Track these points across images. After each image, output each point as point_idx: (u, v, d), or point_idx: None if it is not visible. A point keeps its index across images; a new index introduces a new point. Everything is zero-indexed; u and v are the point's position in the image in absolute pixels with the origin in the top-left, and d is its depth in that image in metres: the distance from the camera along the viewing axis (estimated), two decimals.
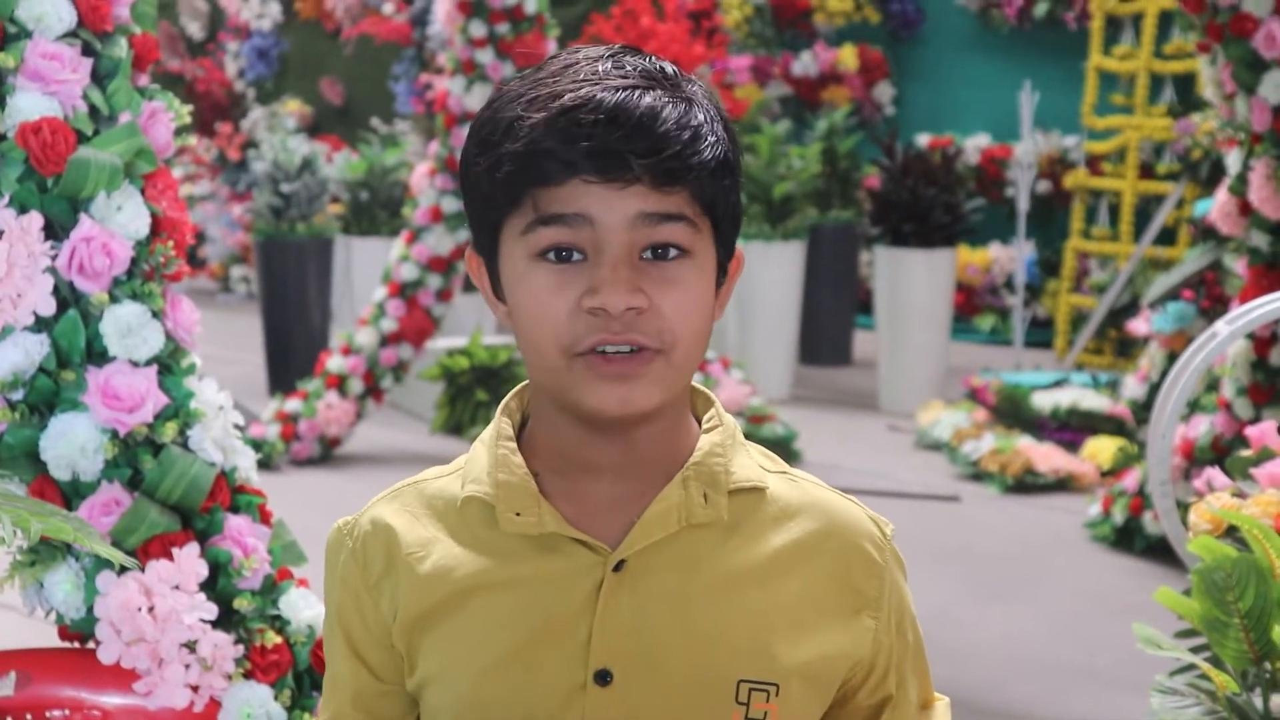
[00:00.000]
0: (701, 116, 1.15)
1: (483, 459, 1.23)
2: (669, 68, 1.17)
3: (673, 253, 1.14)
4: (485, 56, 5.68)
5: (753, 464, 1.24)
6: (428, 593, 1.20)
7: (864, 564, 1.24)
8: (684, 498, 1.19)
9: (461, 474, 1.24)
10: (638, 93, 1.12)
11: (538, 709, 1.17)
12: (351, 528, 1.27)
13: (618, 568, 1.17)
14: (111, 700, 2.07)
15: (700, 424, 1.25)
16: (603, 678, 1.16)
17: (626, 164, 1.11)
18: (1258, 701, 1.96)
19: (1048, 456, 5.68)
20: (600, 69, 1.15)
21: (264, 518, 2.25)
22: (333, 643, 1.28)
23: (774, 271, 7.14)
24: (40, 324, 2.10)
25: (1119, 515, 4.84)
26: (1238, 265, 4.49)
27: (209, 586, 2.13)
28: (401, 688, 1.26)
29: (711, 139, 1.14)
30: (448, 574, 1.20)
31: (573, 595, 1.17)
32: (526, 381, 1.26)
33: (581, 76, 1.14)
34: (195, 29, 12.07)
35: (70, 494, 2.12)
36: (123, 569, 2.04)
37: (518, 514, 1.18)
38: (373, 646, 1.25)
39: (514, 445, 1.22)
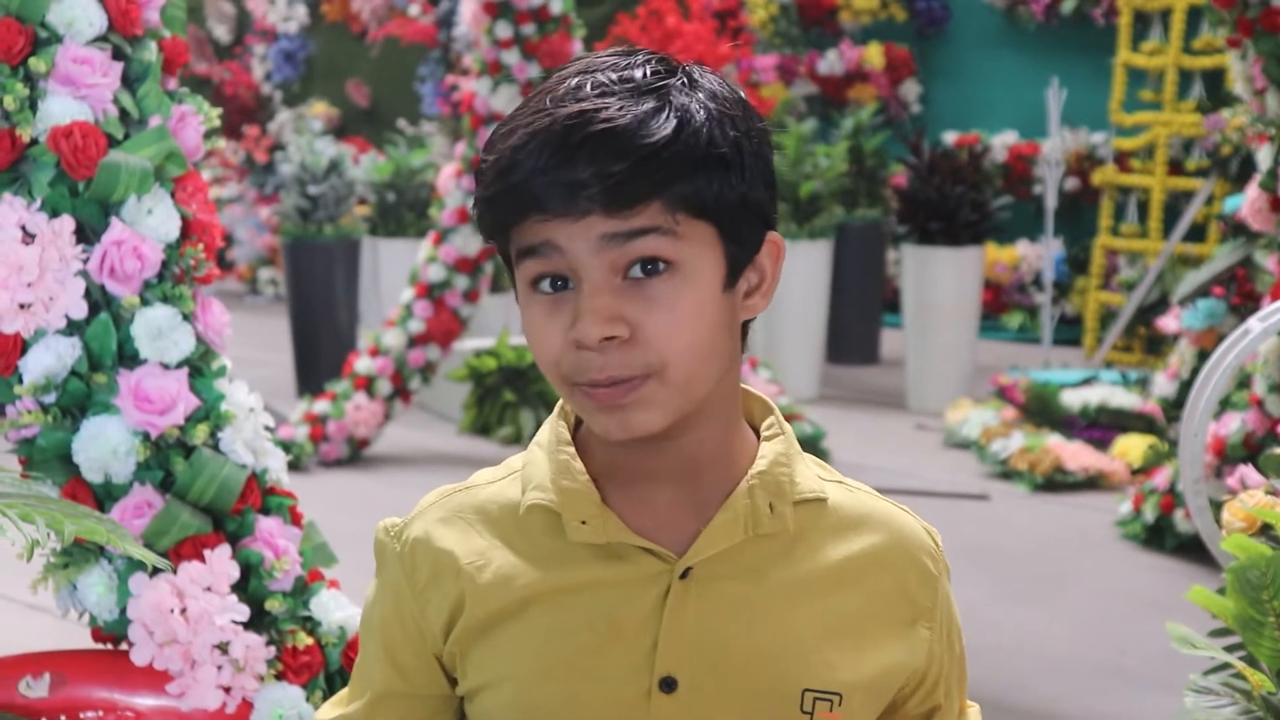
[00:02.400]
0: (674, 121, 1.10)
1: (543, 464, 1.22)
2: (650, 70, 1.13)
3: (661, 267, 1.11)
4: (511, 57, 5.68)
5: (812, 474, 1.24)
6: (490, 600, 1.19)
7: (921, 575, 1.24)
8: (750, 507, 1.18)
9: (520, 478, 1.23)
10: (585, 120, 1.08)
11: (602, 715, 1.17)
12: (399, 532, 1.26)
13: (684, 575, 1.17)
14: (144, 702, 2.07)
15: (759, 431, 1.24)
16: (668, 685, 1.16)
17: (575, 197, 1.09)
18: None
19: (1077, 455, 5.65)
20: (563, 88, 1.12)
21: (295, 519, 2.26)
22: (369, 643, 1.28)
23: (801, 270, 7.12)
24: (72, 327, 2.12)
25: (1150, 513, 4.81)
26: (1269, 262, 4.46)
27: (240, 588, 2.14)
28: (431, 696, 1.26)
29: (678, 147, 1.09)
30: (510, 581, 1.19)
31: (639, 602, 1.17)
32: None
33: (542, 107, 1.12)
34: (222, 32, 12.12)
35: (102, 496, 2.13)
36: (155, 571, 2.05)
37: (583, 522, 1.18)
38: (409, 652, 1.25)
39: (573, 450, 1.21)
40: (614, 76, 1.12)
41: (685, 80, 1.14)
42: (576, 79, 1.13)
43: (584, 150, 1.08)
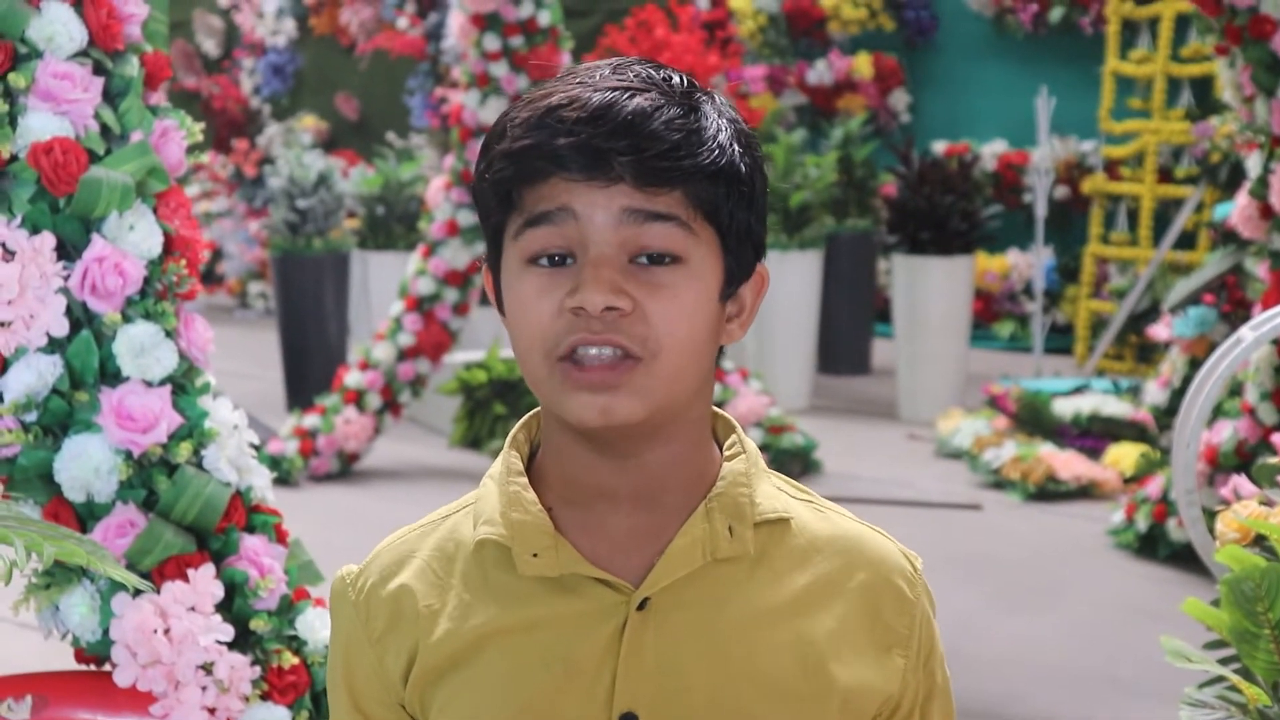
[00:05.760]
0: (707, 124, 1.11)
1: (494, 497, 1.18)
2: (680, 77, 1.14)
3: (666, 259, 1.10)
4: (499, 70, 5.68)
5: (777, 493, 1.20)
6: (444, 643, 1.16)
7: (895, 599, 1.20)
8: (708, 531, 1.15)
9: (473, 513, 1.20)
10: (629, 94, 1.10)
11: None
12: (355, 578, 1.22)
13: (641, 606, 1.13)
14: None
15: (721, 450, 1.20)
16: None
17: (608, 162, 1.08)
18: None
19: (1069, 464, 5.64)
20: (599, 74, 1.13)
21: (280, 537, 2.24)
22: (335, 695, 1.23)
23: (791, 281, 7.11)
24: (53, 345, 2.10)
25: (1142, 522, 4.80)
26: (1259, 269, 4.46)
27: (225, 607, 2.12)
28: None
29: (714, 146, 1.11)
30: (463, 622, 1.16)
31: (595, 637, 1.13)
32: (535, 410, 1.22)
33: (578, 80, 1.12)
34: (211, 46, 12.10)
35: (85, 516, 2.11)
36: (138, 591, 2.03)
37: (535, 555, 1.14)
38: (374, 702, 1.20)
39: (525, 481, 1.18)
40: (654, 74, 1.13)
41: (711, 101, 1.15)
42: (613, 67, 1.14)
43: (624, 121, 1.08)
